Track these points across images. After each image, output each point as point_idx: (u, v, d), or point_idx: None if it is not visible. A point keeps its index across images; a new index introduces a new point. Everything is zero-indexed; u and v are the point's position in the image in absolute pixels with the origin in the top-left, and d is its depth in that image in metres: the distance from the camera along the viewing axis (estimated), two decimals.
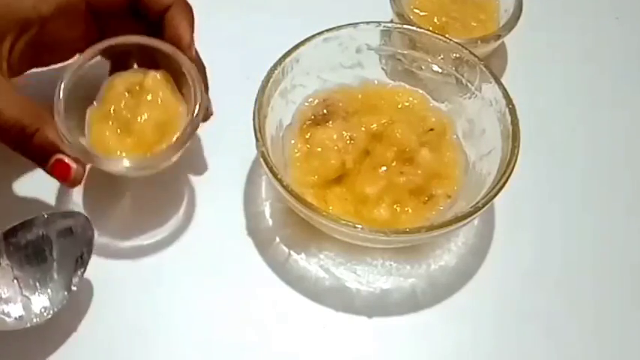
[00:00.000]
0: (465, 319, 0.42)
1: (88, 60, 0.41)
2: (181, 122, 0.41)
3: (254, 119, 0.41)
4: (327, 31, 0.46)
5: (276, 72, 0.43)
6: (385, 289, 0.43)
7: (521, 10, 0.52)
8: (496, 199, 0.40)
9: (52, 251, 0.39)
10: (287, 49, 0.44)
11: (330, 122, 0.45)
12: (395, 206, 0.43)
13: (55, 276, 0.39)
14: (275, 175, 0.40)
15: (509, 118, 0.42)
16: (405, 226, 0.42)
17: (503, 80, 0.44)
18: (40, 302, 0.38)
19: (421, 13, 0.53)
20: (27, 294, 0.39)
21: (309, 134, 0.45)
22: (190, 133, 0.40)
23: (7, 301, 0.38)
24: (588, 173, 0.49)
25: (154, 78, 0.42)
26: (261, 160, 0.40)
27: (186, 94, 0.42)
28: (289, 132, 0.45)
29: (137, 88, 0.42)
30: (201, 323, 0.41)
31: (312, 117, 0.46)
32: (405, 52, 0.48)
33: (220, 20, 0.55)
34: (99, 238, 0.43)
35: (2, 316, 0.38)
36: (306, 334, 0.41)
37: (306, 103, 0.47)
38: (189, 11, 0.43)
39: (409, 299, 0.43)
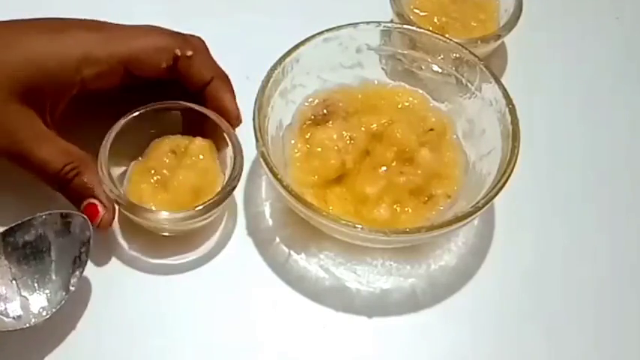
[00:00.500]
0: (465, 319, 0.42)
1: (135, 117, 0.43)
2: (217, 188, 0.42)
3: (254, 119, 0.41)
4: (327, 31, 0.46)
5: (276, 72, 0.43)
6: (385, 289, 0.43)
7: (521, 10, 0.52)
8: (496, 199, 0.40)
9: (50, 251, 0.39)
10: (287, 49, 0.44)
11: (330, 122, 0.45)
12: (395, 206, 0.43)
13: (54, 276, 0.39)
14: (275, 175, 0.40)
15: (509, 118, 0.42)
16: (405, 226, 0.42)
17: (503, 80, 0.44)
18: (39, 302, 0.38)
19: (421, 13, 0.53)
20: (25, 294, 0.38)
21: (309, 134, 0.45)
22: (223, 199, 0.41)
23: (5, 301, 0.38)
24: (588, 173, 0.49)
25: (200, 144, 0.43)
26: (261, 160, 0.40)
27: (223, 161, 0.44)
28: (289, 132, 0.45)
29: (182, 149, 0.43)
30: (201, 323, 0.41)
31: (312, 117, 0.46)
32: (405, 52, 0.48)
33: (220, 20, 0.55)
34: (97, 239, 0.43)
35: (0, 316, 0.37)
36: (306, 334, 0.41)
37: (306, 103, 0.47)
38: (228, 81, 0.45)
39: (409, 299, 0.43)
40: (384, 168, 0.44)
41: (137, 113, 0.43)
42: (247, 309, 0.42)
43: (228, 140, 0.43)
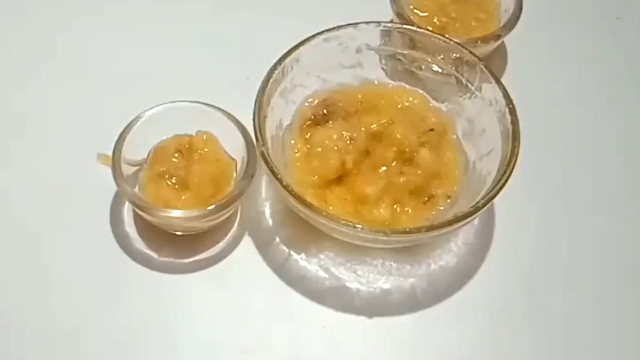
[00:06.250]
0: (464, 319, 0.42)
1: (150, 116, 0.43)
2: (232, 174, 0.43)
3: (254, 119, 0.41)
4: (327, 31, 0.46)
5: (276, 72, 0.43)
6: (385, 289, 0.43)
7: (521, 10, 0.52)
8: (496, 199, 0.40)
9: None
10: (287, 49, 0.44)
11: (330, 122, 0.45)
12: (395, 206, 0.43)
13: None
14: (275, 175, 0.40)
15: (509, 118, 0.42)
16: (405, 226, 0.42)
17: (503, 80, 0.44)
18: None
19: (421, 13, 0.53)
20: None
21: (309, 134, 0.45)
22: (245, 187, 0.41)
23: None
24: (588, 173, 0.49)
25: (202, 137, 0.44)
26: (261, 160, 0.40)
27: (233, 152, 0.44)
28: (289, 132, 0.45)
29: (187, 146, 0.43)
30: (202, 323, 0.41)
31: (312, 117, 0.46)
32: (405, 52, 0.48)
33: (220, 20, 0.55)
34: (97, 239, 0.43)
35: None
36: (306, 334, 0.41)
37: (306, 103, 0.47)
38: None
39: (409, 299, 0.43)
40: (384, 168, 0.44)
41: (151, 112, 0.43)
42: (247, 309, 0.42)
43: (239, 132, 0.43)
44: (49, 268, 0.42)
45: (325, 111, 0.46)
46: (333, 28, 0.46)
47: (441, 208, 0.43)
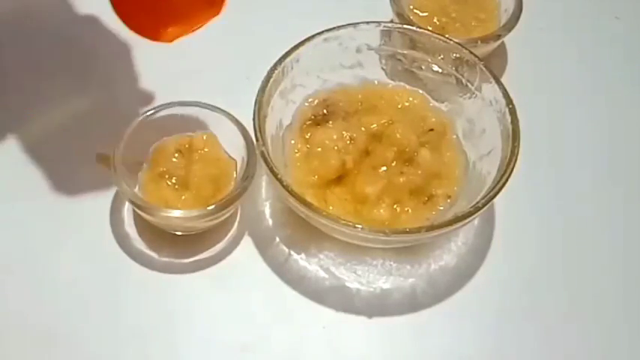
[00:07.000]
0: (464, 319, 0.42)
1: (149, 117, 0.43)
2: (232, 174, 0.43)
3: (254, 119, 0.41)
4: (327, 31, 0.46)
5: (276, 72, 0.43)
6: (385, 289, 0.43)
7: (521, 10, 0.52)
8: (496, 199, 0.40)
9: None
10: (287, 49, 0.44)
11: (330, 122, 0.45)
12: (395, 206, 0.43)
13: None
14: (275, 175, 0.40)
15: (509, 118, 0.42)
16: (405, 226, 0.42)
17: (503, 80, 0.44)
18: None
19: (421, 13, 0.53)
20: None
21: (309, 134, 0.45)
22: (246, 187, 0.42)
23: None
24: (588, 173, 0.49)
25: (202, 137, 0.44)
26: (261, 160, 0.40)
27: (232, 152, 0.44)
28: (289, 132, 0.45)
29: (187, 146, 0.44)
30: (201, 323, 0.41)
31: (312, 117, 0.46)
32: (405, 52, 0.48)
33: (220, 20, 0.55)
34: (97, 239, 0.43)
35: None
36: (306, 334, 0.41)
37: (306, 103, 0.47)
38: None
39: (409, 299, 0.43)
40: (384, 168, 0.44)
41: (151, 112, 0.43)
42: (247, 309, 0.42)
43: (239, 132, 0.43)
44: (49, 268, 0.42)
45: (325, 111, 0.46)
46: (333, 28, 0.46)
47: (441, 208, 0.43)
